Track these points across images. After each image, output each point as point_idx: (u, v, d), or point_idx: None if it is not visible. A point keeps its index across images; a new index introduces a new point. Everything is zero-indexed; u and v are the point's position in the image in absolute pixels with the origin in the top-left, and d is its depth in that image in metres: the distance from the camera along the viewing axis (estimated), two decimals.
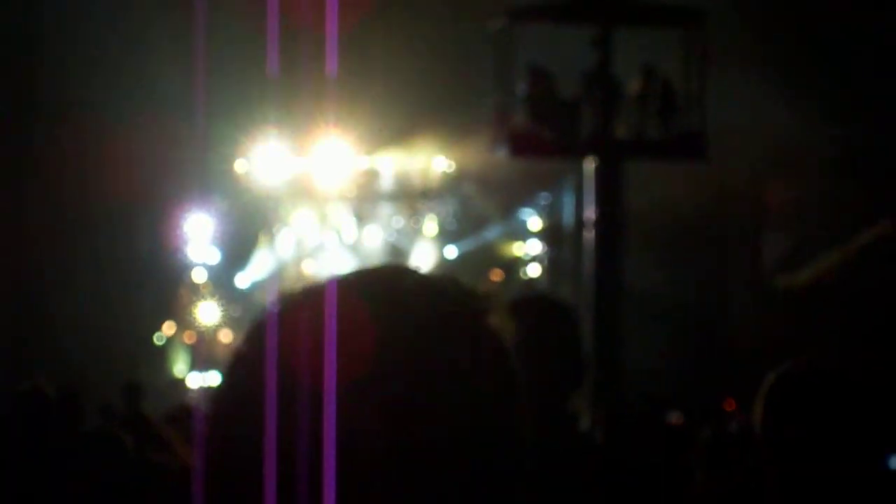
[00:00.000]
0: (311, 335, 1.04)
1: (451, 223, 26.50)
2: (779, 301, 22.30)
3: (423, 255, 25.79)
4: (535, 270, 27.31)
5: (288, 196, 24.79)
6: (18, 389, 5.31)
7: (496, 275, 26.85)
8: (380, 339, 1.05)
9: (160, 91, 20.81)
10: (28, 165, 23.09)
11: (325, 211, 25.69)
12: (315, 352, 1.04)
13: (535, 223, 27.32)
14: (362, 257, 25.03)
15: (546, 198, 26.78)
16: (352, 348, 1.04)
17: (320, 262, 25.31)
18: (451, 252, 26.45)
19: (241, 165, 24.02)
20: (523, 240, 27.46)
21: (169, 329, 26.06)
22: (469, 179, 25.64)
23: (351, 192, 25.18)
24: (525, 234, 27.47)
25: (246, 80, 17.88)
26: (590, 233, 17.48)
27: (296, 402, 1.02)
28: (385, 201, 25.89)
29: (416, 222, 26.15)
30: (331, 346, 1.03)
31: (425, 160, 25.33)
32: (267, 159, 23.56)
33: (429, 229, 26.21)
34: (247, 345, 1.09)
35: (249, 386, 1.06)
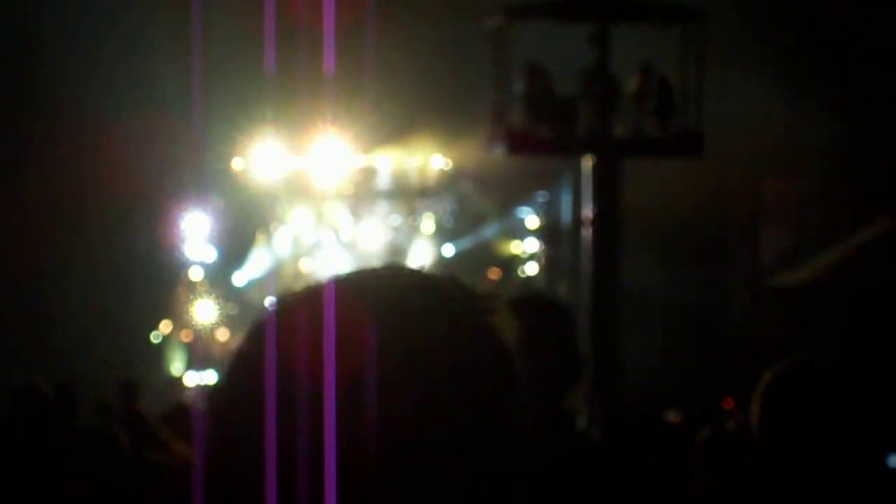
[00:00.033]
0: (311, 335, 1.05)
1: (448, 221, 26.50)
2: (777, 300, 22.30)
3: (421, 254, 25.79)
4: (532, 269, 27.33)
5: (285, 194, 24.80)
6: (15, 387, 5.31)
7: (494, 273, 26.86)
8: (379, 339, 1.05)
9: (157, 90, 20.82)
10: (26, 164, 23.09)
11: (323, 209, 25.70)
12: (314, 352, 1.04)
13: (533, 221, 27.32)
14: (359, 256, 25.03)
15: (544, 196, 26.78)
16: (351, 348, 1.04)
17: (317, 261, 25.31)
18: (449, 250, 26.45)
19: (238, 164, 24.02)
20: (521, 238, 27.46)
21: (166, 327, 26.05)
22: (466, 177, 25.65)
23: (348, 190, 25.18)
24: (523, 233, 27.47)
25: (243, 79, 17.88)
26: (587, 231, 17.48)
27: (296, 401, 1.03)
28: (382, 199, 25.89)
29: (414, 220, 26.15)
30: (330, 346, 1.03)
31: (423, 158, 25.33)
32: (264, 157, 23.56)
33: (426, 227, 26.22)
34: (247, 345, 1.10)
35: (250, 386, 1.06)
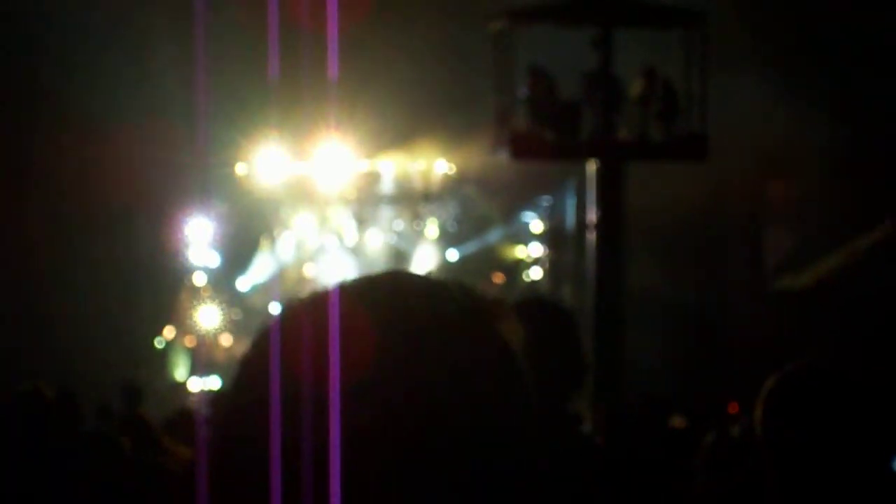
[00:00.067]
0: (315, 341, 1.06)
1: (452, 226, 26.48)
2: (781, 303, 22.29)
3: (425, 258, 25.78)
4: (536, 273, 27.30)
5: (289, 199, 24.79)
6: (17, 390, 5.31)
7: (498, 278, 26.84)
8: (382, 344, 1.06)
9: (161, 94, 20.82)
10: (29, 168, 23.10)
11: (326, 214, 25.69)
12: (319, 357, 1.05)
13: (537, 226, 27.30)
14: (363, 261, 25.03)
15: (547, 200, 26.77)
16: (355, 354, 1.05)
17: (321, 266, 25.31)
18: (453, 255, 26.43)
19: (241, 168, 24.01)
20: (525, 242, 27.44)
21: (169, 333, 26.04)
22: (470, 182, 25.62)
23: (352, 194, 25.18)
24: (527, 237, 27.45)
25: (247, 84, 17.87)
26: (591, 235, 17.48)
27: (300, 406, 1.03)
28: (386, 204, 25.88)
29: (418, 225, 26.14)
30: (334, 351, 1.04)
31: (426, 163, 25.32)
32: (268, 162, 23.55)
33: (430, 232, 26.20)
34: (253, 351, 1.11)
35: (255, 391, 1.07)
